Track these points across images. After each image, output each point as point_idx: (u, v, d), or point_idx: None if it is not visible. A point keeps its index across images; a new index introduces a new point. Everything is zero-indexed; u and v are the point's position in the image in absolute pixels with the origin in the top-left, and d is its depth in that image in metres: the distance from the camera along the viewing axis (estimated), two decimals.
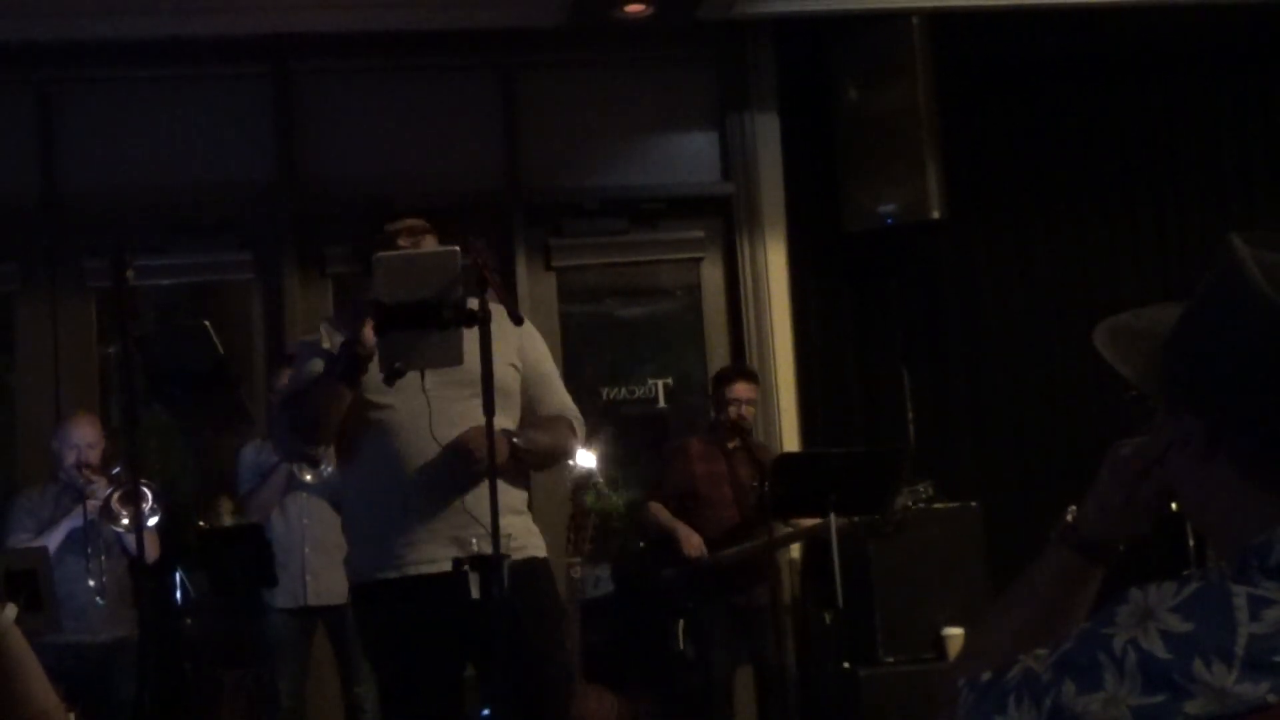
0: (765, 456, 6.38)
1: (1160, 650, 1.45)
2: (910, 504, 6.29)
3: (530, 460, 3.75)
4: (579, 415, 3.95)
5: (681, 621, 6.27)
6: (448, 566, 3.53)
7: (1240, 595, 1.44)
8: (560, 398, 3.93)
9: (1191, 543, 3.91)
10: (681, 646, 6.27)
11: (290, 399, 3.85)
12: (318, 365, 3.73)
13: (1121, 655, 1.47)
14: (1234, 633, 1.42)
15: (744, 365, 6.83)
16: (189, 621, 6.22)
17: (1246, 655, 1.41)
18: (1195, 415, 1.60)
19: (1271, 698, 1.39)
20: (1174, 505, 1.71)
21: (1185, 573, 1.51)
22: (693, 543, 6.16)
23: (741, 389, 6.40)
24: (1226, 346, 1.56)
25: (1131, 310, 1.73)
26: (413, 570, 3.62)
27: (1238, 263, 1.55)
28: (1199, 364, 1.60)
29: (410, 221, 3.76)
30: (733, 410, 6.33)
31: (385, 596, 3.69)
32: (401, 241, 3.70)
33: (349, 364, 3.55)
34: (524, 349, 3.83)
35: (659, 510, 6.31)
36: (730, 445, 6.34)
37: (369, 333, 3.47)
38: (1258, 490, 1.54)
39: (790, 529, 6.32)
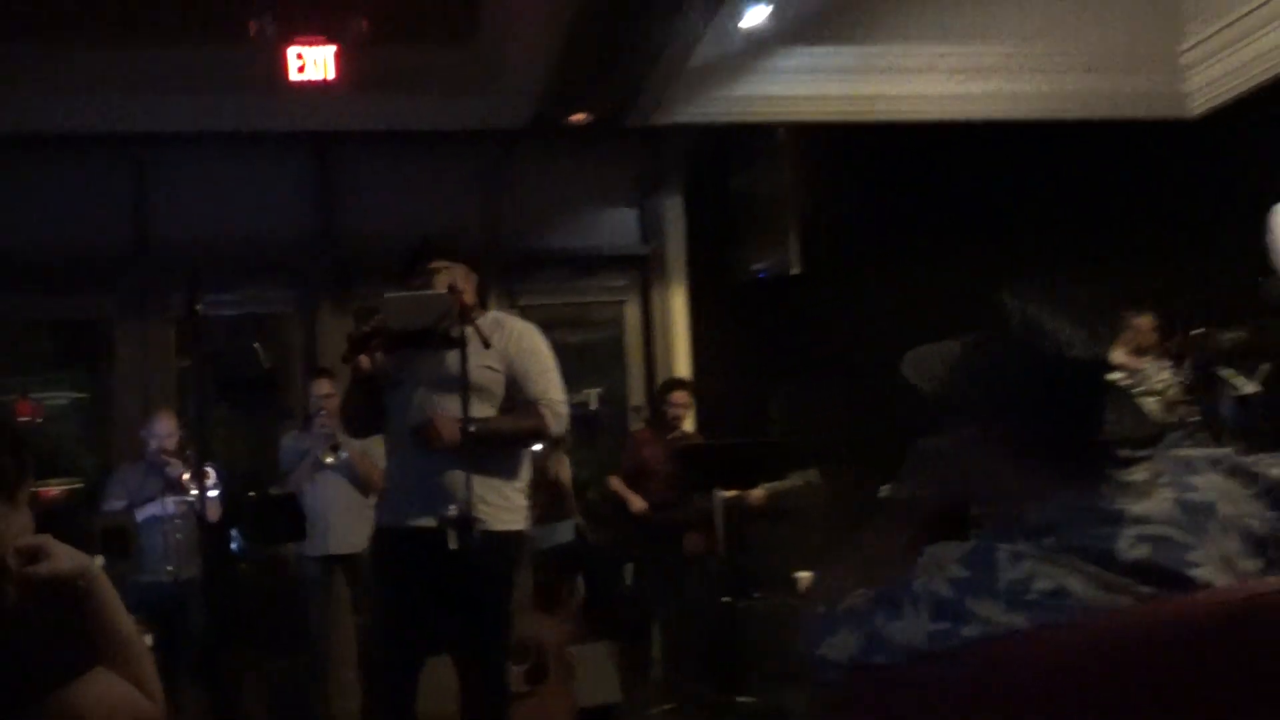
0: (690, 442, 6.45)
1: (946, 590, 1.46)
2: (800, 485, 6.37)
3: (492, 442, 3.58)
4: (557, 401, 3.71)
5: (630, 565, 6.30)
6: (428, 524, 3.50)
7: (1003, 551, 1.46)
8: (537, 387, 3.67)
9: (978, 512, 3.93)
10: (628, 583, 6.30)
11: (342, 403, 4.14)
12: None
13: (918, 593, 1.48)
14: (996, 578, 1.44)
15: (681, 379, 6.85)
16: (242, 566, 6.15)
17: (1006, 594, 1.43)
18: (973, 421, 1.62)
19: (1024, 625, 1.41)
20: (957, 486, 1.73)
21: (973, 533, 1.53)
22: (637, 503, 6.20)
23: (678, 396, 6.48)
24: (997, 371, 1.59)
25: (928, 343, 1.75)
26: (412, 523, 3.56)
27: (1007, 311, 1.58)
28: (978, 384, 1.62)
29: (444, 263, 3.67)
30: (670, 411, 6.40)
31: (390, 542, 3.68)
32: (437, 278, 3.63)
33: (360, 377, 3.60)
34: (507, 352, 3.66)
35: (617, 481, 6.36)
36: (669, 435, 6.37)
37: (363, 361, 3.53)
38: (1015, 475, 1.57)
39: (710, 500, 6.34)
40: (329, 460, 5.86)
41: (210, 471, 5.48)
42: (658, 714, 5.99)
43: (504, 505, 3.62)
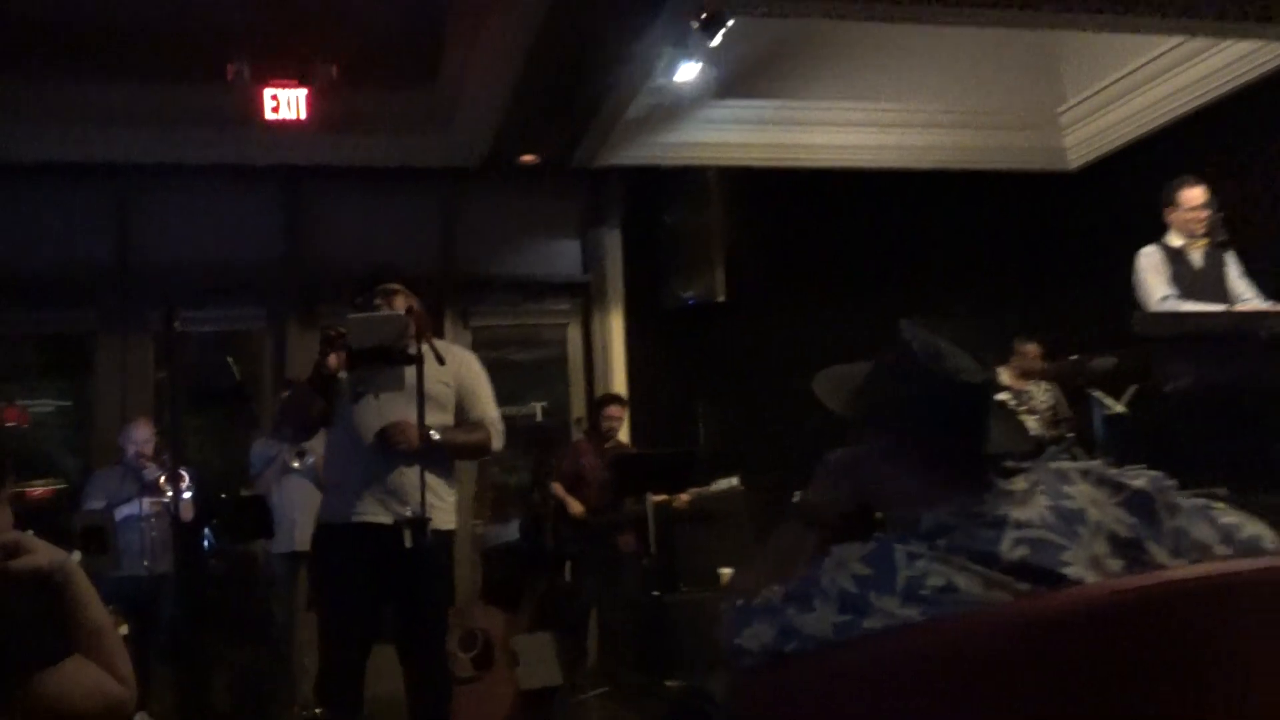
0: (623, 452, 6.44)
1: (850, 586, 1.47)
2: (725, 491, 6.39)
3: (449, 450, 3.59)
4: (498, 423, 3.76)
5: (569, 563, 6.26)
6: (380, 520, 3.46)
7: (900, 551, 1.47)
8: (483, 409, 3.72)
9: (881, 516, 3.95)
10: (569, 579, 6.27)
11: (284, 403, 3.86)
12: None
13: (826, 589, 1.49)
14: (895, 575, 1.45)
15: (616, 394, 6.83)
16: (213, 562, 6.05)
17: (903, 590, 1.43)
18: (875, 435, 1.63)
19: (918, 618, 1.42)
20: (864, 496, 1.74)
21: (874, 535, 1.54)
22: (575, 507, 6.16)
23: (613, 410, 6.46)
24: (896, 391, 1.60)
25: (837, 365, 1.77)
26: (357, 519, 3.50)
27: (905, 338, 1.59)
28: (879, 402, 1.63)
29: (389, 285, 3.63)
30: (605, 424, 6.38)
31: (335, 537, 3.56)
32: (377, 301, 3.59)
33: (318, 380, 3.49)
34: (458, 373, 3.68)
35: (558, 487, 6.30)
36: (605, 445, 6.35)
37: (331, 360, 3.44)
38: (912, 484, 1.58)
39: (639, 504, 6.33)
40: (295, 464, 5.78)
41: (184, 474, 5.40)
42: (593, 697, 5.96)
43: (444, 506, 3.60)
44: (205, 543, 5.91)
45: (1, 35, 5.92)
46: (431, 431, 3.46)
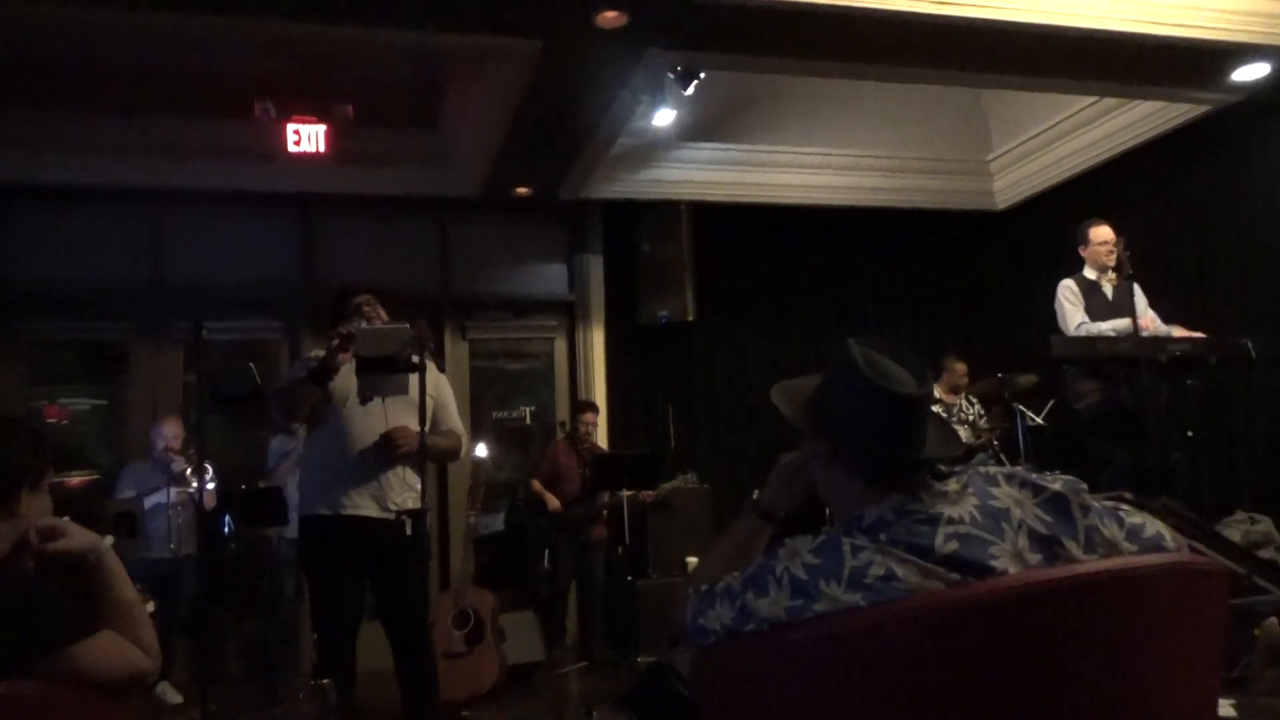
0: (600, 452, 6.43)
1: (801, 573, 1.46)
2: (682, 485, 6.38)
3: (431, 454, 3.55)
4: (464, 433, 3.78)
5: (547, 550, 6.24)
6: (369, 513, 3.43)
7: (846, 544, 1.47)
8: (454, 421, 3.73)
9: (828, 512, 3.97)
10: (546, 565, 6.24)
11: (280, 390, 3.57)
12: (300, 370, 3.52)
13: (780, 576, 1.48)
14: (841, 565, 1.45)
15: (592, 402, 6.83)
16: (232, 546, 5.98)
17: (849, 578, 1.43)
18: (824, 440, 1.63)
19: (862, 603, 1.42)
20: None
21: (823, 529, 1.54)
22: (553, 503, 6.14)
23: (588, 416, 6.46)
24: (843, 402, 1.60)
25: (792, 378, 1.77)
26: (346, 512, 3.44)
27: (851, 354, 1.59)
28: (828, 411, 1.63)
29: (366, 296, 3.60)
30: (581, 427, 6.37)
31: (324, 527, 3.47)
32: (365, 309, 3.56)
33: (321, 372, 3.40)
34: (437, 385, 3.69)
35: (536, 484, 6.28)
36: (580, 447, 6.34)
37: (342, 357, 3.38)
38: (857, 484, 1.58)
39: (616, 496, 6.32)
40: None
41: (208, 468, 5.35)
42: (573, 670, 5.93)
43: (415, 494, 3.56)
44: (225, 529, 5.84)
45: (54, 75, 5.89)
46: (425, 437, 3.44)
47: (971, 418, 6.65)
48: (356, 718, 3.50)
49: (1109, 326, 5.03)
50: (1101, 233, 5.28)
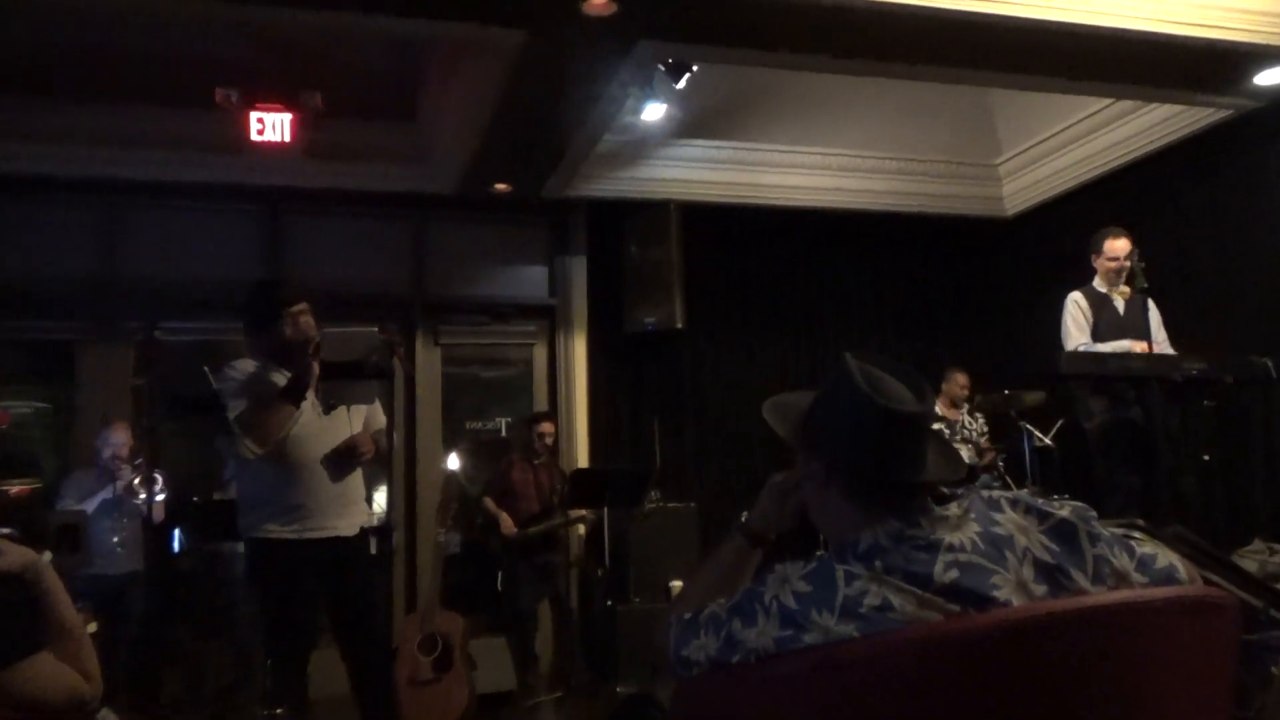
0: (557, 469, 6.40)
1: (791, 602, 1.46)
2: (659, 504, 6.36)
3: (383, 457, 3.54)
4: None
5: (500, 573, 6.21)
6: (333, 531, 3.41)
7: (840, 571, 1.46)
8: (380, 421, 3.65)
9: (821, 537, 3.96)
10: (500, 588, 6.21)
11: (251, 414, 3.36)
12: (256, 386, 3.39)
13: (769, 604, 1.48)
14: (834, 593, 1.44)
15: (548, 411, 6.82)
16: (184, 562, 5.94)
17: (842, 607, 1.43)
18: (818, 460, 1.62)
19: (855, 634, 1.41)
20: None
21: (815, 555, 1.53)
22: (507, 524, 6.11)
23: (545, 426, 6.44)
24: (839, 419, 1.60)
25: (785, 393, 1.76)
26: (306, 535, 3.38)
27: (848, 369, 1.59)
28: (823, 429, 1.63)
29: (303, 306, 3.46)
30: (538, 440, 6.33)
31: (280, 547, 3.38)
32: (296, 320, 3.43)
33: (297, 390, 3.33)
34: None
35: (489, 502, 6.25)
36: (536, 461, 6.32)
37: (316, 368, 3.32)
38: (852, 507, 1.57)
39: (577, 515, 6.31)
40: None
41: (158, 478, 5.31)
42: (547, 701, 5.91)
43: (365, 507, 3.53)
44: (175, 543, 5.80)
45: (1, 59, 5.84)
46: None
47: (974, 435, 6.67)
48: None
49: (1109, 349, 5.03)
50: (1117, 245, 5.25)
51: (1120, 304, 5.26)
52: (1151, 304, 5.05)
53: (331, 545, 3.40)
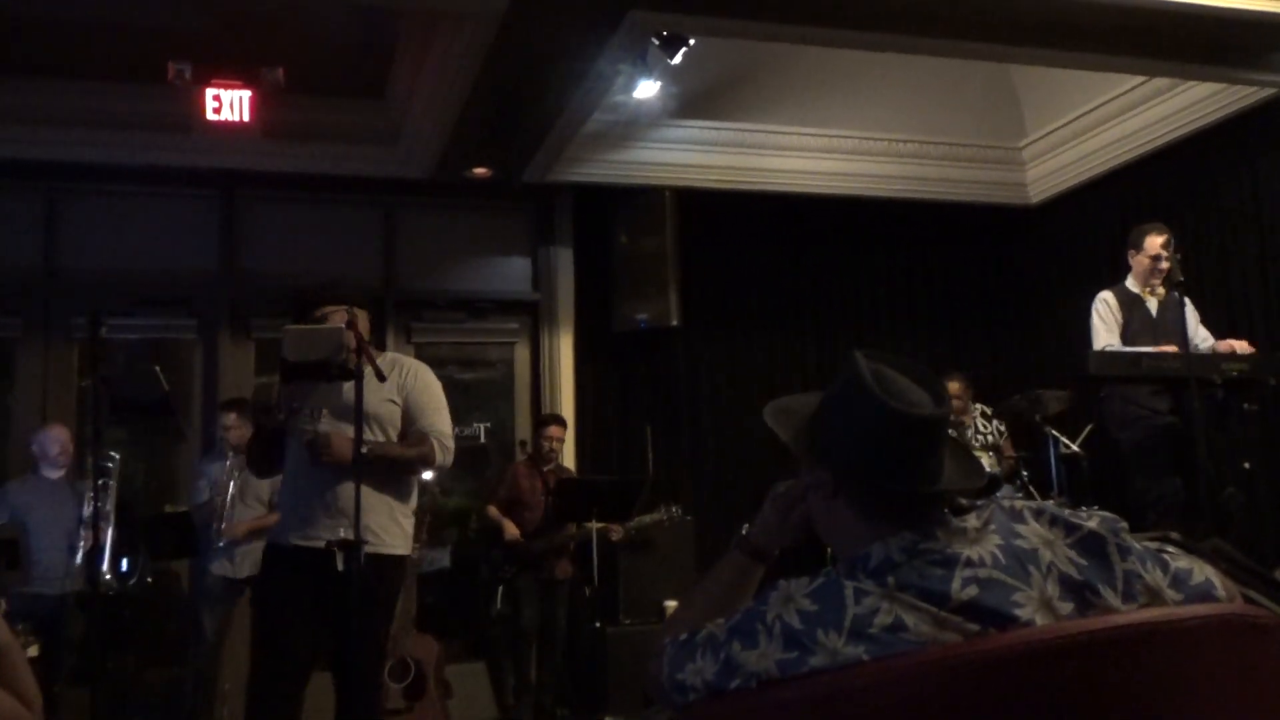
0: (566, 477, 6.39)
1: (796, 622, 1.46)
2: (663, 519, 6.35)
3: (381, 464, 3.52)
4: (445, 435, 3.70)
5: (501, 588, 6.19)
6: (317, 543, 3.43)
7: (849, 588, 1.46)
8: (429, 420, 3.66)
9: (828, 551, 3.97)
10: (499, 605, 6.19)
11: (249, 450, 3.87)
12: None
13: (771, 624, 1.47)
14: (843, 612, 1.44)
15: (557, 415, 6.79)
16: (132, 582, 5.91)
17: (851, 627, 1.43)
18: (825, 468, 1.62)
19: (865, 656, 1.42)
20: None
21: (822, 570, 1.53)
22: (511, 531, 6.10)
23: (553, 430, 6.41)
24: (847, 424, 1.60)
25: (788, 395, 1.76)
26: (299, 542, 3.51)
27: (857, 369, 1.59)
28: (830, 434, 1.63)
29: (328, 308, 3.56)
30: (545, 445, 6.33)
31: (279, 557, 3.58)
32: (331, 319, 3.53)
33: (267, 420, 3.62)
34: (404, 385, 3.65)
35: (493, 510, 6.23)
36: (544, 468, 6.31)
37: (267, 420, 3.60)
38: (862, 519, 1.58)
39: (583, 529, 6.29)
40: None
41: (107, 485, 5.29)
42: None
43: (393, 529, 3.57)
44: (123, 561, 5.78)
45: None
46: (363, 447, 3.39)
47: (992, 439, 6.67)
48: None
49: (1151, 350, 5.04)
50: (1158, 242, 5.23)
51: (1153, 305, 5.25)
52: (1188, 302, 5.06)
53: (318, 557, 3.40)
